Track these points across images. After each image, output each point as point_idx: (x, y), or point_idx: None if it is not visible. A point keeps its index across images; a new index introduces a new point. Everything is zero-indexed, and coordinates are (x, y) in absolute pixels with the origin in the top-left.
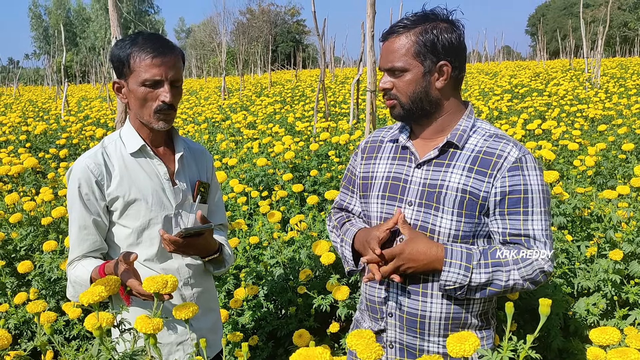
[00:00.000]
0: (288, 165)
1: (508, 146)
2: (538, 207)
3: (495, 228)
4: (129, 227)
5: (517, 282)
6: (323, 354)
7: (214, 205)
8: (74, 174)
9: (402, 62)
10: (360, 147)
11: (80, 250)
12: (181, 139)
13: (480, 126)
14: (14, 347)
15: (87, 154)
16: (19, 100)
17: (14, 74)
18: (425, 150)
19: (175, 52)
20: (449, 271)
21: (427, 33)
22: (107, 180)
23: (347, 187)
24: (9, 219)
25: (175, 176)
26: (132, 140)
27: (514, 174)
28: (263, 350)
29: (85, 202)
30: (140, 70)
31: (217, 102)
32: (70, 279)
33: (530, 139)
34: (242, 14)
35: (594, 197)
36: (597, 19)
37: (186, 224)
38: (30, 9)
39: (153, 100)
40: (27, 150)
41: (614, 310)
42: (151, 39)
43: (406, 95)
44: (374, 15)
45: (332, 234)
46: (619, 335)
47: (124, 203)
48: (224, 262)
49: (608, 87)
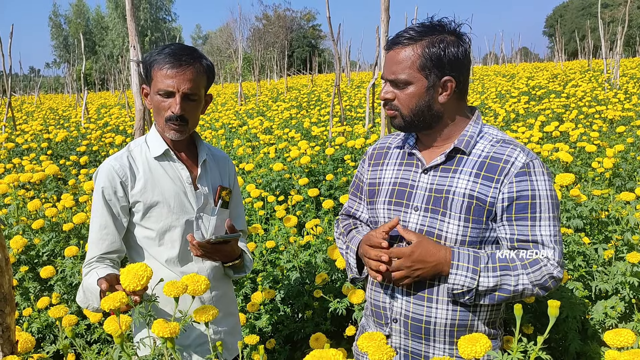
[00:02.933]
0: (304, 170)
1: (515, 151)
2: (546, 212)
3: (502, 234)
4: (151, 229)
5: (527, 287)
6: (336, 355)
7: (235, 212)
8: (100, 175)
9: (406, 74)
10: (367, 154)
11: (99, 250)
12: (204, 144)
13: (487, 132)
14: (37, 350)
15: (113, 157)
16: (40, 109)
17: (35, 83)
18: (431, 156)
19: (194, 66)
20: (457, 274)
21: (433, 46)
22: (131, 182)
23: (355, 194)
24: (31, 225)
25: (197, 181)
26: (157, 145)
27: (521, 180)
28: (280, 353)
29: (107, 202)
30: (157, 80)
31: (234, 108)
32: (83, 284)
33: (547, 141)
34: (258, 19)
35: (611, 199)
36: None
37: (207, 228)
38: (51, 18)
39: (165, 110)
40: (49, 158)
41: (632, 314)
42: (177, 50)
43: (408, 108)
44: (389, 19)
45: (338, 241)
46: (633, 338)
47: (146, 205)
48: (244, 268)
49: (627, 88)
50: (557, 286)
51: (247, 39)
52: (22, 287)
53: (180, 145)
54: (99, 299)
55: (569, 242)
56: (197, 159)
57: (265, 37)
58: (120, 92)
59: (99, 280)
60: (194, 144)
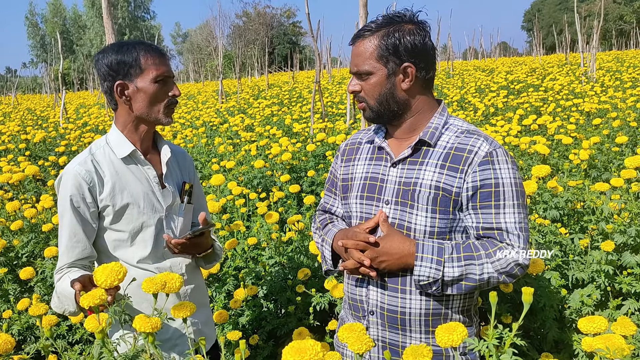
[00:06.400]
0: (285, 167)
1: (479, 141)
2: (510, 200)
3: (469, 223)
4: (123, 231)
5: (492, 276)
6: (315, 345)
7: (198, 204)
8: (65, 181)
9: (367, 65)
10: (340, 150)
11: (69, 258)
12: (165, 142)
13: (452, 123)
14: (17, 352)
15: (75, 162)
16: (18, 109)
17: (12, 83)
18: (399, 149)
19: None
20: (421, 265)
21: (389, 36)
22: (99, 187)
23: (330, 190)
24: (10, 226)
25: (164, 179)
26: (122, 146)
27: (484, 168)
28: (264, 349)
29: (76, 209)
30: (152, 69)
31: (215, 106)
32: (56, 290)
33: (525, 134)
34: (238, 17)
35: (586, 189)
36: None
37: (177, 225)
38: (27, 17)
39: (165, 96)
40: (27, 159)
41: (608, 301)
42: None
43: (373, 97)
44: (367, 16)
45: (315, 235)
46: (606, 324)
47: (116, 208)
48: (215, 256)
49: (604, 81)
50: (524, 273)
51: (227, 37)
52: (1, 289)
53: (145, 144)
54: (74, 301)
55: (546, 232)
56: (159, 157)
57: (245, 34)
58: (99, 91)
59: (73, 281)
60: (154, 142)
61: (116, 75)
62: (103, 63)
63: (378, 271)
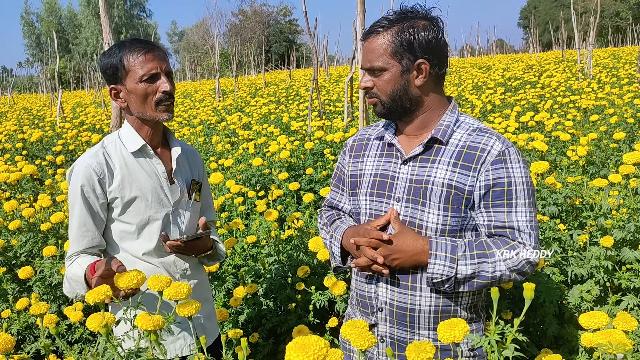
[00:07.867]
0: (284, 165)
1: (491, 140)
2: (522, 199)
3: (480, 221)
4: (130, 223)
5: (504, 273)
6: (318, 341)
7: (205, 202)
8: (76, 172)
9: (381, 61)
10: (347, 146)
11: (79, 246)
12: (176, 139)
13: (464, 120)
14: (17, 351)
15: (87, 154)
16: (14, 109)
17: (8, 83)
18: (410, 146)
19: (160, 47)
20: (435, 263)
21: (403, 32)
22: (109, 179)
23: (337, 186)
24: (8, 226)
25: (173, 175)
26: (133, 140)
27: (497, 167)
28: (264, 347)
29: (86, 200)
30: (137, 68)
31: (212, 104)
32: (67, 275)
33: (523, 131)
34: (234, 15)
35: (584, 186)
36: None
37: (183, 220)
38: (22, 16)
39: (154, 94)
40: (24, 158)
41: (607, 297)
42: (136, 39)
43: (386, 93)
44: (364, 13)
45: (322, 231)
46: (607, 319)
47: (125, 200)
48: (218, 257)
49: (601, 77)
50: (534, 270)
51: (223, 35)
52: (0, 289)
53: (155, 139)
54: (84, 285)
55: (545, 228)
56: (170, 154)
57: (242, 32)
58: (95, 90)
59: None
60: (166, 138)
61: (110, 79)
62: (100, 68)
63: (390, 269)
